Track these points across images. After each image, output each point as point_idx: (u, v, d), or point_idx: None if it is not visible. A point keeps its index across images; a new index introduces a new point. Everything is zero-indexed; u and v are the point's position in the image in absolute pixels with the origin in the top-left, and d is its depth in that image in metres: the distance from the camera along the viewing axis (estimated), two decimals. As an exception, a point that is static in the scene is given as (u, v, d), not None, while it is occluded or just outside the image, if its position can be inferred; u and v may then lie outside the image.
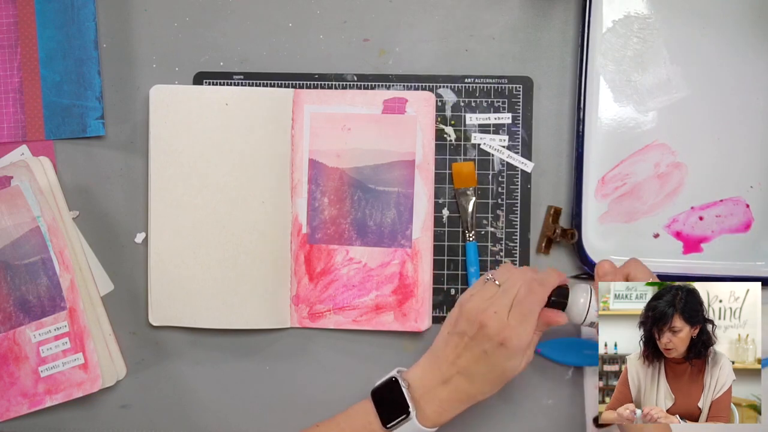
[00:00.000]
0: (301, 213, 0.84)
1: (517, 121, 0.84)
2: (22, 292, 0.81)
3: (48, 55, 0.85)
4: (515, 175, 0.84)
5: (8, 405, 0.81)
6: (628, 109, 0.83)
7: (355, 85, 0.85)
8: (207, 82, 0.85)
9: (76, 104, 0.85)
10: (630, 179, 0.84)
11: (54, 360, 0.81)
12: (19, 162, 0.83)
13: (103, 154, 0.86)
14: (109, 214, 0.86)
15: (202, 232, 0.83)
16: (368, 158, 0.83)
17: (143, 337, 0.85)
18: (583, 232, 0.82)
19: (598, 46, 0.83)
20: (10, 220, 0.81)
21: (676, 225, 0.84)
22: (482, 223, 0.84)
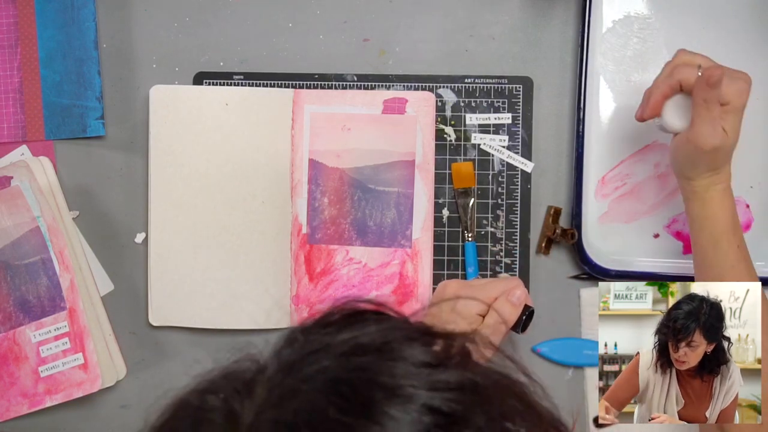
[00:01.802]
0: (301, 213, 0.84)
1: (517, 121, 0.84)
2: (22, 292, 0.81)
3: (48, 55, 0.85)
4: (515, 175, 0.84)
5: (8, 405, 0.81)
6: (628, 109, 0.83)
7: (355, 85, 0.85)
8: (207, 82, 0.85)
9: (76, 104, 0.85)
10: (630, 179, 0.84)
11: (54, 360, 0.81)
12: (19, 162, 0.83)
13: (103, 154, 0.86)
14: (109, 214, 0.86)
15: (202, 232, 0.83)
16: (368, 158, 0.83)
17: (143, 337, 0.85)
18: (583, 232, 0.82)
19: (598, 46, 0.83)
20: (10, 220, 0.81)
21: (676, 225, 0.84)
22: (482, 223, 0.84)
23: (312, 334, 0.40)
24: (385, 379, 0.36)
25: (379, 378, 0.36)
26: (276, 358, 0.39)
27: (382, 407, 0.35)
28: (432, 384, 0.36)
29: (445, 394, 0.36)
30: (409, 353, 0.38)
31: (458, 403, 0.36)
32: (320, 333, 0.39)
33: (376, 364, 0.37)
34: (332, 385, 0.36)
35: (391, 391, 0.36)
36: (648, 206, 0.84)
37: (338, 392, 0.36)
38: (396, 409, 0.35)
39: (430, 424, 0.35)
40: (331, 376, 0.37)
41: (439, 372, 0.37)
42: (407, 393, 0.36)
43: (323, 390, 0.36)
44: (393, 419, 0.35)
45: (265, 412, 0.36)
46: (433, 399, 0.36)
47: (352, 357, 0.38)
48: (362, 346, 0.38)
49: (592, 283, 0.83)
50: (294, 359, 0.38)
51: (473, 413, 0.36)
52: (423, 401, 0.35)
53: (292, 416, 0.35)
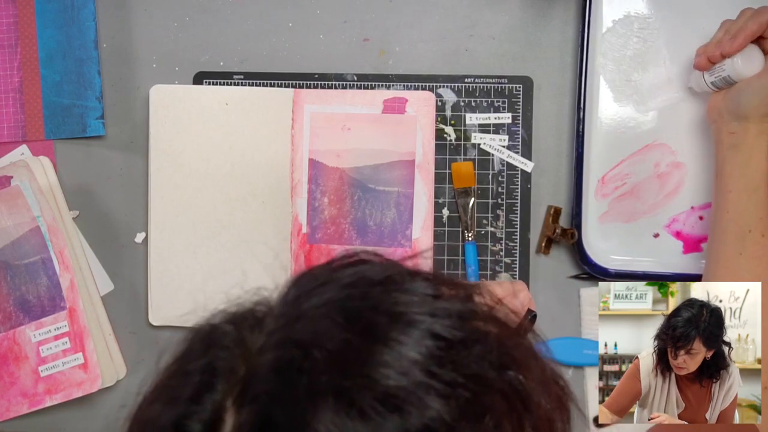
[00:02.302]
0: (301, 213, 0.84)
1: (517, 120, 0.84)
2: (22, 292, 0.81)
3: (48, 55, 0.85)
4: (515, 175, 0.84)
5: (8, 405, 0.81)
6: (628, 109, 0.83)
7: (355, 85, 0.85)
8: (207, 82, 0.85)
9: (76, 104, 0.85)
10: (630, 179, 0.83)
11: (54, 360, 0.81)
12: (19, 162, 0.83)
13: (103, 154, 0.86)
14: (109, 214, 0.86)
15: (202, 232, 0.83)
16: (368, 158, 0.83)
17: (143, 337, 0.85)
18: (583, 232, 0.82)
19: (598, 46, 0.83)
20: (10, 220, 0.81)
21: (676, 225, 0.84)
22: (482, 223, 0.84)
23: (317, 273, 0.41)
24: (390, 306, 0.38)
25: (384, 305, 0.38)
26: (284, 296, 0.41)
27: (386, 330, 0.37)
28: (434, 311, 0.38)
29: (447, 320, 0.38)
30: (412, 285, 0.39)
31: (459, 329, 0.38)
32: (326, 270, 0.41)
33: (381, 294, 0.39)
34: (338, 311, 0.38)
35: (395, 317, 0.37)
36: (648, 206, 0.84)
37: (344, 317, 0.37)
38: (399, 332, 0.37)
39: (432, 347, 0.36)
40: (337, 305, 0.38)
41: (441, 301, 0.39)
42: (410, 319, 0.37)
43: (330, 315, 0.38)
44: (397, 341, 0.36)
45: (273, 335, 0.38)
46: (434, 324, 0.37)
47: (357, 287, 0.39)
48: (367, 279, 0.40)
49: (592, 283, 0.83)
50: (301, 293, 0.40)
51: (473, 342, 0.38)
52: (425, 326, 0.37)
53: (300, 335, 0.37)
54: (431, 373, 0.36)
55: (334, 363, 0.36)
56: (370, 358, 0.36)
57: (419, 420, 0.34)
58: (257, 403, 0.36)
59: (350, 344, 0.36)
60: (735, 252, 0.71)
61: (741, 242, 0.71)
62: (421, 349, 0.36)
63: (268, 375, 0.36)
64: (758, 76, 0.72)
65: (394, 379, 0.35)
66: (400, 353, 0.36)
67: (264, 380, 0.36)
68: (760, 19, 0.71)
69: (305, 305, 0.39)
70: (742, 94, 0.73)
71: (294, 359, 0.36)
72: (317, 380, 0.35)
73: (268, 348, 0.38)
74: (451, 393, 0.35)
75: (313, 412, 0.34)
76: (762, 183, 0.72)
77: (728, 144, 0.74)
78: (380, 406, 0.34)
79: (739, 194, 0.72)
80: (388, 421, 0.34)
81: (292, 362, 0.36)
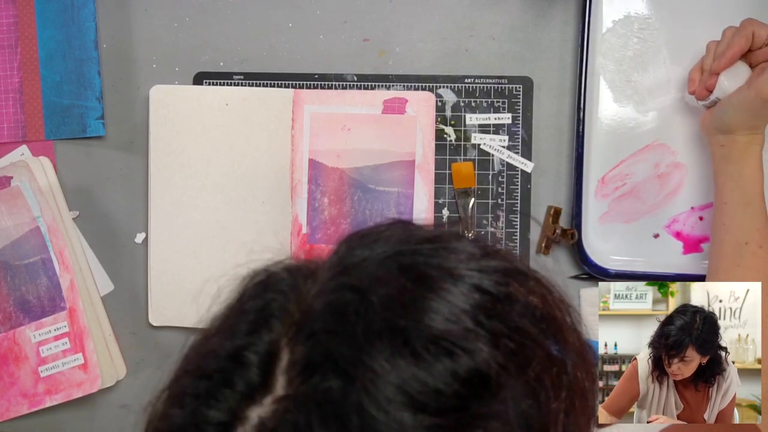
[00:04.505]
0: (301, 213, 0.84)
1: (517, 121, 0.84)
2: (22, 292, 0.81)
3: (48, 55, 0.85)
4: (515, 175, 0.84)
5: (8, 405, 0.81)
6: (628, 109, 0.83)
7: (355, 85, 0.85)
8: (207, 82, 0.85)
9: (76, 104, 0.85)
10: (630, 179, 0.83)
11: (54, 360, 0.81)
12: (19, 162, 0.83)
13: (103, 154, 0.86)
14: (109, 214, 0.86)
15: (202, 232, 0.83)
16: (368, 158, 0.83)
17: (143, 337, 0.85)
18: (583, 232, 0.82)
19: (598, 46, 0.83)
20: (10, 220, 0.81)
21: (676, 225, 0.84)
22: (482, 223, 0.84)
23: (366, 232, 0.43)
24: (440, 261, 0.40)
25: (434, 260, 0.40)
26: (335, 252, 0.43)
27: (438, 281, 0.39)
28: (481, 267, 0.40)
29: (493, 276, 0.40)
30: (459, 245, 0.42)
31: (504, 285, 0.40)
32: (374, 230, 0.43)
33: (430, 250, 0.41)
34: (392, 262, 0.40)
35: (446, 271, 0.40)
36: (648, 206, 0.84)
37: (398, 266, 0.40)
38: (451, 283, 0.39)
39: (479, 299, 0.39)
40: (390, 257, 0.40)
41: (488, 259, 0.41)
42: (459, 273, 0.40)
43: (384, 264, 0.40)
44: (448, 291, 0.38)
45: (328, 283, 0.40)
46: (482, 280, 0.40)
47: (408, 244, 0.41)
48: (417, 236, 0.42)
49: (592, 283, 0.83)
50: (354, 246, 0.42)
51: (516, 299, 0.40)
52: (473, 281, 0.39)
53: (355, 281, 0.39)
54: (479, 323, 0.38)
55: (389, 306, 0.37)
56: (424, 303, 0.38)
57: (468, 364, 0.36)
58: (314, 340, 0.37)
59: (405, 289, 0.38)
60: (732, 263, 0.72)
61: (738, 254, 0.72)
62: (470, 300, 0.38)
63: (324, 315, 0.38)
64: (738, 90, 0.72)
65: (446, 324, 0.37)
66: (451, 302, 0.38)
67: (321, 320, 0.38)
68: (744, 33, 0.72)
69: (358, 257, 0.41)
70: (725, 110, 0.73)
71: (350, 302, 0.38)
72: (373, 320, 0.37)
73: (324, 293, 0.39)
74: (497, 342, 0.37)
75: (369, 349, 0.36)
76: (757, 195, 0.72)
77: (719, 156, 0.75)
78: (433, 347, 0.36)
79: (735, 206, 0.73)
80: (439, 362, 0.36)
81: (348, 305, 0.38)
